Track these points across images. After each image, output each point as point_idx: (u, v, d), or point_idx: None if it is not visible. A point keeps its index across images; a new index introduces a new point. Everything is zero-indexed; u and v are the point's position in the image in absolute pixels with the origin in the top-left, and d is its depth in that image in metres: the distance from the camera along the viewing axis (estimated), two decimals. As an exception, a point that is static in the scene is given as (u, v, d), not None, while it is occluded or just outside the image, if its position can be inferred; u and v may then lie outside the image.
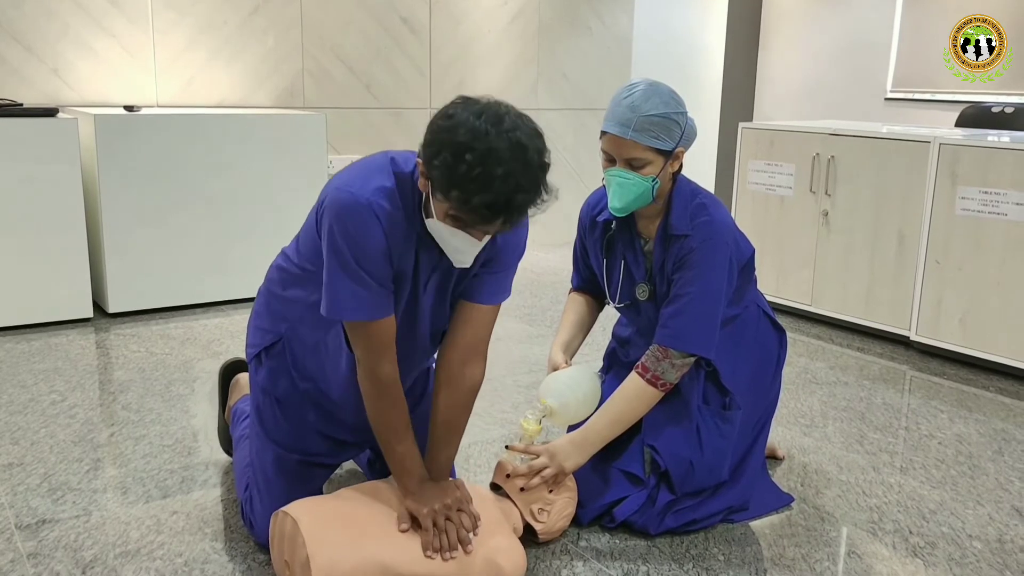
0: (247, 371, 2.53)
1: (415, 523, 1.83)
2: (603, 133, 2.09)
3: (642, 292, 2.25)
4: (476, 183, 1.58)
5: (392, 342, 1.82)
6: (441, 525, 1.81)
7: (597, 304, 2.48)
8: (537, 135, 1.66)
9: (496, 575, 1.83)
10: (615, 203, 2.12)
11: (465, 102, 1.66)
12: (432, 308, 1.92)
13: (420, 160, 1.68)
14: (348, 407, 1.99)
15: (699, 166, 6.32)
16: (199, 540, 2.11)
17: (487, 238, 1.74)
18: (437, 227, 1.72)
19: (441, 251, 1.79)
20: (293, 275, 1.96)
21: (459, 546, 1.81)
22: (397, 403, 1.85)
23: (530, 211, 1.67)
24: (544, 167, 1.65)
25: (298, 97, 4.87)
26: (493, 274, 1.90)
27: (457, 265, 1.79)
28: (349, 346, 1.88)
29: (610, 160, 2.11)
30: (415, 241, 1.80)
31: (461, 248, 1.73)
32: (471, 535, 1.84)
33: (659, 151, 2.06)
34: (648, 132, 2.04)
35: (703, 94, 6.78)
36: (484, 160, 1.57)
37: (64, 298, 3.79)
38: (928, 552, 2.17)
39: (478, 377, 1.94)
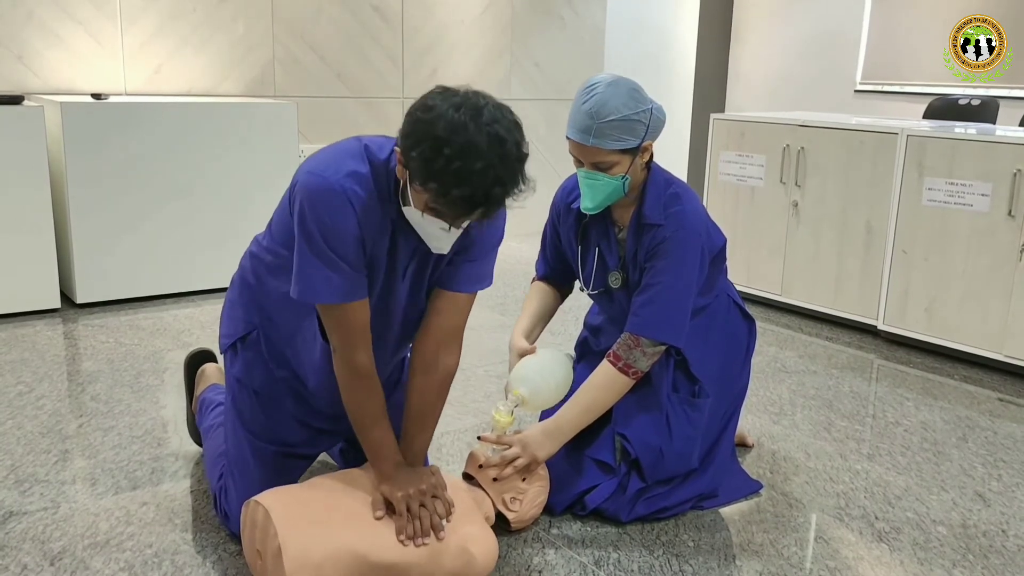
0: (213, 361, 2.52)
1: (390, 509, 1.83)
2: (568, 137, 2.09)
3: (615, 280, 2.26)
4: (454, 177, 1.58)
5: (367, 328, 1.82)
6: (415, 511, 1.82)
7: (560, 295, 2.49)
8: (516, 127, 1.66)
9: (468, 563, 1.84)
10: (587, 203, 2.14)
11: (444, 92, 1.65)
12: (408, 296, 1.91)
13: (398, 149, 1.68)
14: (323, 395, 1.99)
15: (671, 157, 6.34)
16: (169, 531, 2.10)
17: (465, 224, 1.74)
18: (414, 215, 1.72)
19: (419, 237, 1.79)
20: (267, 263, 1.95)
21: (432, 533, 1.81)
22: (373, 391, 1.84)
23: (508, 201, 1.68)
24: (522, 159, 1.65)
25: (268, 86, 4.82)
26: (470, 262, 1.90)
27: (435, 252, 1.80)
28: (324, 336, 1.87)
29: (579, 162, 2.12)
30: (390, 227, 1.79)
31: (438, 235, 1.74)
32: (444, 522, 1.84)
33: (624, 151, 2.07)
34: (610, 137, 2.04)
35: (675, 85, 6.81)
36: (463, 154, 1.57)
37: (31, 288, 3.74)
38: (893, 537, 2.21)
39: (453, 365, 1.95)
